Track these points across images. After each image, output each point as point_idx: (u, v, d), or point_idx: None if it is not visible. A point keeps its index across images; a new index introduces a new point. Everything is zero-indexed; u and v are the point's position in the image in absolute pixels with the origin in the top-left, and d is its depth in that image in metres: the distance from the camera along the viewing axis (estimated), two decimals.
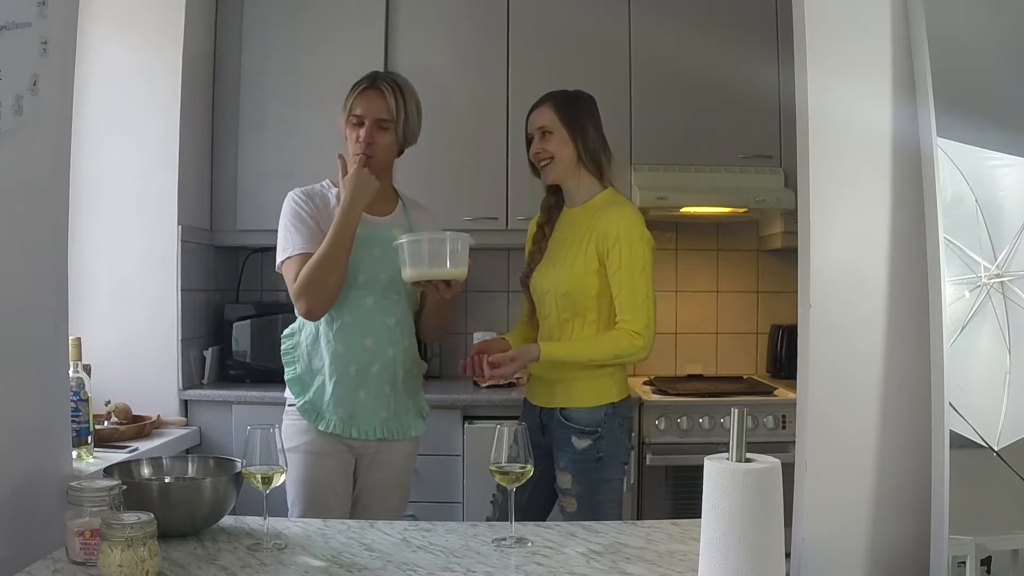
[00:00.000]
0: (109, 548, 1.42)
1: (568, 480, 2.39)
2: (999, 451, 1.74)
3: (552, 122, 2.44)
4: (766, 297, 3.95)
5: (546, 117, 2.45)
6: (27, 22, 1.67)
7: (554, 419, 2.42)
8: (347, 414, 2.29)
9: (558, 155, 2.43)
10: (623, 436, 2.45)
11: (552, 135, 2.43)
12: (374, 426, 2.32)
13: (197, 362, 3.41)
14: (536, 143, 2.46)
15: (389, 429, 2.34)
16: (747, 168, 3.52)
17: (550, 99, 2.48)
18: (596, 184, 2.48)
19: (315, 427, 2.28)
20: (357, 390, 2.29)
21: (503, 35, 3.58)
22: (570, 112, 2.45)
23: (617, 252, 2.34)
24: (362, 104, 2.31)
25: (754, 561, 1.33)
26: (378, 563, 1.61)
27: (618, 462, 2.42)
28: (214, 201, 3.58)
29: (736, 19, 3.54)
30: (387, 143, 2.33)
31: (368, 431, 2.31)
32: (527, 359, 2.36)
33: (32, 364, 1.76)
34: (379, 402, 2.32)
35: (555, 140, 2.43)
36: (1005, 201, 1.82)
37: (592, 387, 2.39)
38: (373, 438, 2.32)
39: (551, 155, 2.43)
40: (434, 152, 3.36)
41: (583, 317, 2.40)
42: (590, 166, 2.46)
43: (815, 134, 1.70)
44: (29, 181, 1.74)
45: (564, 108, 2.45)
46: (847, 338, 1.69)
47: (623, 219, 2.38)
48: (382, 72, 2.42)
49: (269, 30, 3.56)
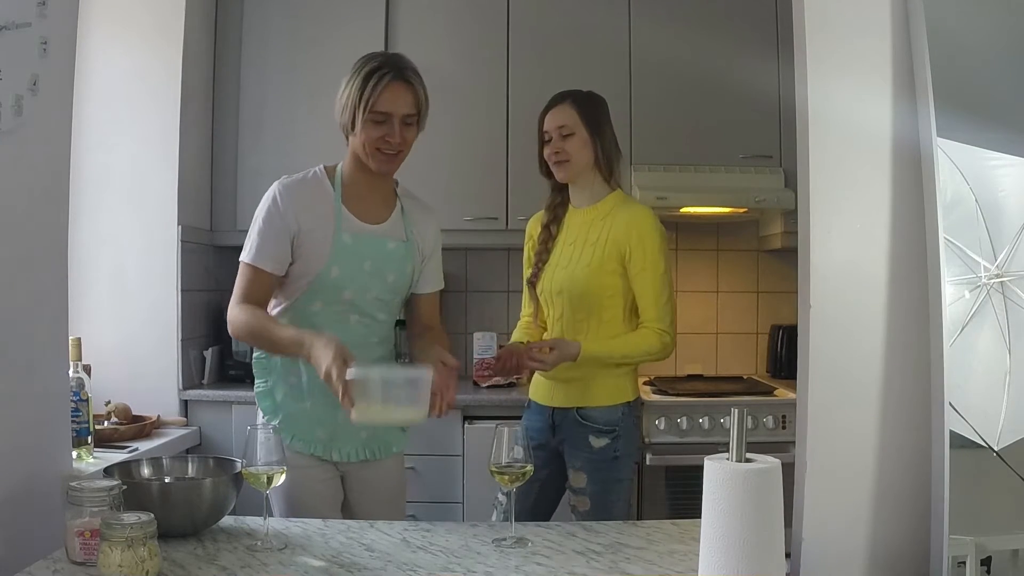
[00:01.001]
0: (109, 548, 1.42)
1: (583, 479, 2.40)
2: (999, 451, 1.74)
3: (573, 121, 2.42)
4: (766, 297, 3.95)
5: (566, 116, 2.43)
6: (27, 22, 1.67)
7: (569, 419, 2.42)
8: (327, 435, 2.10)
9: (577, 156, 2.43)
10: (637, 434, 2.49)
11: (573, 136, 2.42)
12: (355, 447, 2.14)
13: (197, 362, 3.41)
14: (555, 142, 2.43)
15: (371, 449, 2.16)
16: (747, 168, 3.52)
17: (569, 98, 2.46)
18: (605, 185, 2.48)
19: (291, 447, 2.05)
20: (336, 410, 1.90)
21: (503, 35, 3.59)
22: (591, 112, 2.44)
23: (640, 254, 2.36)
24: (388, 99, 2.01)
25: (754, 561, 1.33)
26: (378, 563, 1.61)
27: (631, 461, 2.46)
28: (214, 201, 3.58)
29: (736, 19, 3.54)
30: (412, 140, 2.10)
31: (349, 453, 2.13)
32: (567, 355, 2.34)
33: (32, 364, 1.76)
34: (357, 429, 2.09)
35: (576, 141, 2.42)
36: (1005, 201, 1.82)
37: (610, 386, 2.41)
38: (356, 460, 2.14)
39: (570, 155, 2.42)
40: (434, 152, 3.36)
41: (599, 317, 2.41)
42: (603, 167, 2.46)
43: (815, 134, 1.70)
44: (29, 181, 1.74)
45: (585, 108, 2.44)
46: (847, 338, 1.69)
47: (643, 221, 2.39)
48: (395, 56, 2.10)
49: (269, 30, 3.56)
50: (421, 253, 2.20)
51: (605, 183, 2.48)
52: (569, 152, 2.42)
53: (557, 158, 2.43)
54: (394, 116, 2.03)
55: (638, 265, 2.37)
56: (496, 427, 1.75)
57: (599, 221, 2.43)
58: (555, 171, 2.46)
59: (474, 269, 3.92)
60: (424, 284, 2.23)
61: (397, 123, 2.04)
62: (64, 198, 1.90)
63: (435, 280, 2.28)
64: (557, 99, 2.48)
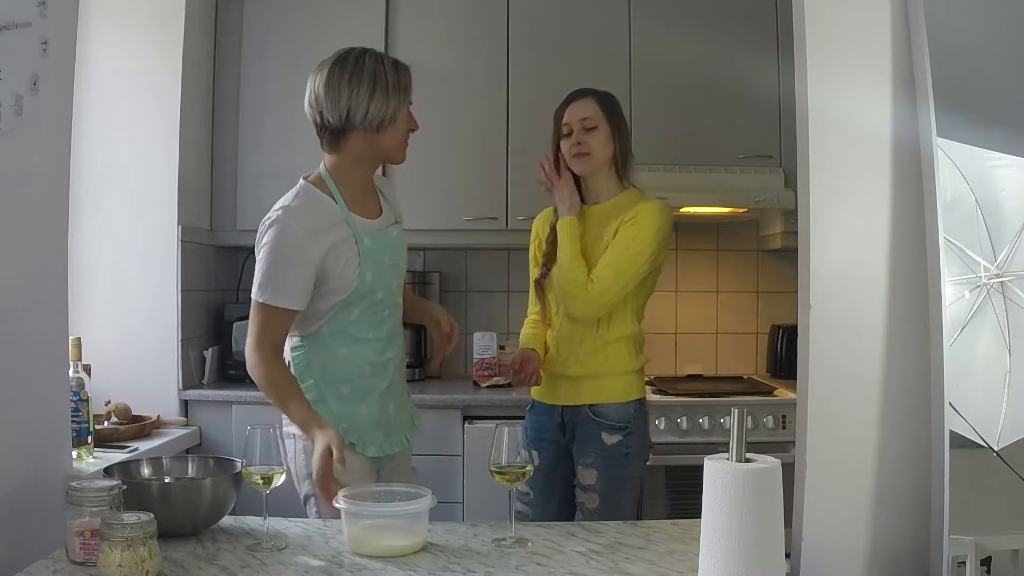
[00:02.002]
0: (109, 548, 1.42)
1: (593, 476, 2.40)
2: (999, 451, 1.74)
3: (597, 116, 2.42)
4: (766, 297, 3.95)
5: (591, 110, 2.42)
6: (27, 22, 1.67)
7: (581, 416, 2.42)
8: (383, 435, 2.15)
9: (598, 150, 2.41)
10: (647, 432, 2.49)
11: (597, 130, 2.41)
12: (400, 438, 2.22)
13: (197, 362, 3.41)
14: (577, 135, 2.41)
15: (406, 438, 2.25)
16: (747, 168, 3.52)
17: (590, 93, 2.46)
18: (618, 183, 2.47)
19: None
20: (386, 405, 2.15)
21: (503, 35, 3.58)
22: (612, 109, 2.45)
23: (627, 228, 2.36)
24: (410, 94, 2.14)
25: (754, 561, 1.33)
26: (378, 563, 1.61)
27: (641, 460, 2.46)
28: (214, 201, 3.58)
29: (736, 19, 3.54)
30: None
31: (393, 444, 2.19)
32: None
33: (32, 364, 1.76)
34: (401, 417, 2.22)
35: (599, 134, 2.41)
36: (1005, 201, 1.82)
37: (622, 383, 2.42)
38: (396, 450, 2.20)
39: (592, 148, 2.41)
40: (434, 152, 3.37)
41: (619, 315, 2.41)
42: (620, 164, 2.46)
43: (815, 134, 1.70)
44: (29, 181, 1.74)
45: (607, 104, 2.45)
46: (847, 338, 1.69)
47: (653, 210, 2.39)
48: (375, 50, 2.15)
49: (269, 30, 3.56)
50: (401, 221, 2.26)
51: (619, 181, 2.47)
52: (591, 145, 2.41)
53: (579, 150, 2.41)
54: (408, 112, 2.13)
55: (620, 235, 2.37)
56: (496, 427, 1.75)
57: (614, 219, 2.41)
58: (575, 164, 2.43)
59: (474, 269, 3.92)
60: None
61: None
62: (64, 198, 1.90)
63: None
64: (578, 94, 2.47)
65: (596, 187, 2.47)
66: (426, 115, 2.42)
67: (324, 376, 2.10)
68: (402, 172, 2.11)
